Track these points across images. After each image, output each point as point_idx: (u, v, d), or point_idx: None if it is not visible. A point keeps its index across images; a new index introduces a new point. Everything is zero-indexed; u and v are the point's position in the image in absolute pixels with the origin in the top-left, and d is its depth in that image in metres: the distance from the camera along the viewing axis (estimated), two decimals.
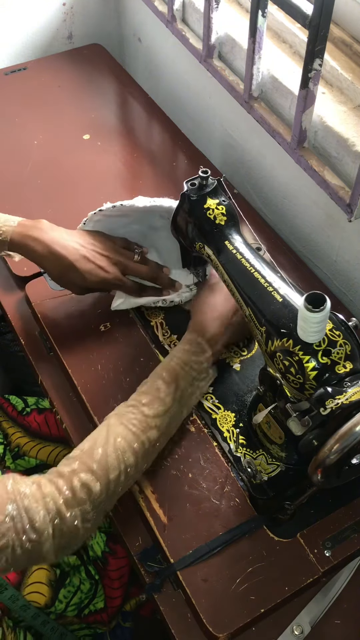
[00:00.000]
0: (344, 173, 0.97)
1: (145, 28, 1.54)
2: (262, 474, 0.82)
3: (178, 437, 0.85)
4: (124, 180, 1.24)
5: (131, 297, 0.98)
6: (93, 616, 0.93)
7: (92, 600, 0.92)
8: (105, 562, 0.93)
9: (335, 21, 1.05)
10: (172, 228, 0.88)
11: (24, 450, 1.03)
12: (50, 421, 1.06)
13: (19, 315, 1.05)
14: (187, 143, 1.31)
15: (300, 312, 0.62)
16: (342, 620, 0.77)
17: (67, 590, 0.90)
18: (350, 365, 0.67)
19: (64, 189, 1.20)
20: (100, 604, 0.93)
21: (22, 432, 1.05)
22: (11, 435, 1.04)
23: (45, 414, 1.07)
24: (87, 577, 0.92)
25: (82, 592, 0.91)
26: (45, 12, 1.54)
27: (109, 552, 0.94)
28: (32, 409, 1.07)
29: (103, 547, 0.94)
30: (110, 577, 0.94)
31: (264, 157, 1.22)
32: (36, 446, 1.04)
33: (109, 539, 0.95)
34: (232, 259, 0.79)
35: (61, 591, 0.89)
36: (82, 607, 0.92)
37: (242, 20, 1.15)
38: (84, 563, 0.93)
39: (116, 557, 0.94)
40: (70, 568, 0.92)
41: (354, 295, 1.10)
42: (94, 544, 0.94)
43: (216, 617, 0.72)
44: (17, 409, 1.06)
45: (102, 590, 0.93)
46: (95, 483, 0.71)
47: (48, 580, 0.89)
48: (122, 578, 0.94)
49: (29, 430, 1.05)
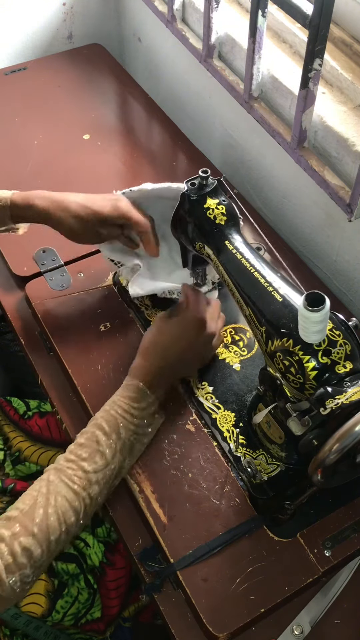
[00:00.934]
0: (344, 173, 0.97)
1: (145, 28, 1.54)
2: (262, 473, 0.82)
3: (178, 437, 0.85)
4: (124, 180, 1.24)
5: (146, 282, 0.97)
6: (89, 625, 0.92)
7: (89, 610, 0.92)
8: (103, 572, 0.92)
9: (335, 21, 1.05)
10: (172, 228, 0.88)
11: (25, 455, 1.02)
12: (52, 425, 1.06)
13: (19, 315, 1.04)
14: (187, 143, 1.31)
15: (300, 312, 0.62)
16: (342, 620, 0.77)
17: (65, 600, 0.89)
18: (350, 365, 0.67)
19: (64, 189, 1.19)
20: (97, 614, 0.92)
21: (23, 437, 1.04)
22: (12, 440, 1.03)
23: (47, 418, 1.06)
24: (86, 586, 0.91)
25: (80, 602, 0.90)
26: (45, 12, 1.54)
27: (107, 563, 0.93)
28: (34, 413, 1.06)
29: (101, 558, 0.93)
30: (107, 588, 0.93)
31: (264, 157, 1.22)
32: (37, 450, 1.03)
33: (107, 550, 0.93)
34: (232, 259, 0.79)
35: (59, 602, 0.89)
36: (79, 616, 0.91)
37: (242, 20, 1.15)
38: (83, 572, 0.92)
39: (114, 568, 0.93)
40: (69, 577, 0.91)
41: (354, 295, 1.10)
42: (92, 554, 0.93)
43: (216, 616, 0.72)
44: (18, 412, 1.06)
45: (99, 599, 0.92)
46: (37, 548, 0.69)
47: (46, 591, 0.88)
48: (119, 589, 0.93)
49: (30, 434, 1.04)
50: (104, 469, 0.76)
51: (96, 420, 0.80)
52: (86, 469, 0.75)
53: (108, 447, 0.77)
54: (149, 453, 0.84)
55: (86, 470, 0.75)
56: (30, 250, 1.07)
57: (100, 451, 0.76)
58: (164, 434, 0.85)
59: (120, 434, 0.78)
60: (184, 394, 0.90)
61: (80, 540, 0.93)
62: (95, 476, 0.75)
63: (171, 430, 0.86)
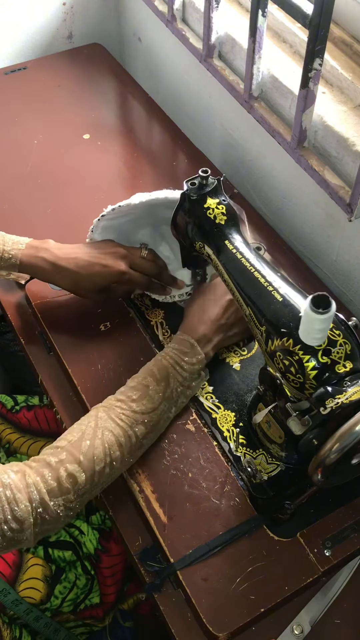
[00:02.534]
0: (344, 173, 0.97)
1: (146, 27, 1.54)
2: (262, 473, 0.82)
3: (178, 437, 0.85)
4: (124, 179, 1.24)
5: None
6: (89, 611, 0.93)
7: (87, 595, 0.93)
8: (98, 559, 0.94)
9: (335, 21, 1.05)
10: (172, 227, 0.88)
11: (15, 447, 1.04)
12: (40, 417, 1.07)
13: (19, 315, 1.05)
14: (187, 143, 1.31)
15: (305, 314, 0.62)
16: (342, 620, 0.77)
17: (63, 586, 0.90)
18: (350, 365, 0.67)
19: (64, 189, 1.20)
20: (96, 599, 0.93)
21: (12, 429, 1.06)
22: (1, 432, 1.05)
23: (34, 410, 1.08)
24: (83, 572, 0.92)
25: (78, 587, 0.92)
26: (45, 12, 1.54)
27: (102, 549, 0.94)
28: (21, 407, 1.08)
29: (96, 545, 0.94)
30: (103, 574, 0.94)
31: (264, 156, 1.22)
32: (26, 442, 1.04)
33: (101, 537, 0.95)
34: (232, 259, 0.79)
35: (57, 587, 0.90)
36: (78, 602, 0.92)
37: (242, 20, 1.15)
38: (79, 558, 0.93)
39: (109, 554, 0.94)
40: (66, 564, 0.92)
41: (354, 294, 1.10)
42: (87, 541, 0.94)
43: (216, 616, 0.72)
44: (6, 406, 1.07)
45: (97, 585, 0.94)
46: (81, 474, 0.73)
47: (43, 576, 0.89)
48: (115, 575, 0.95)
49: (19, 426, 1.06)
50: (151, 412, 0.80)
51: (148, 366, 0.84)
52: (134, 409, 0.78)
53: (157, 393, 0.81)
54: (149, 452, 0.84)
55: (134, 410, 0.78)
56: None
57: (150, 395, 0.80)
58: (164, 434, 0.85)
59: (170, 383, 0.82)
60: None
61: (75, 529, 0.95)
62: (142, 417, 0.79)
63: (171, 430, 0.86)
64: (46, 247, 0.93)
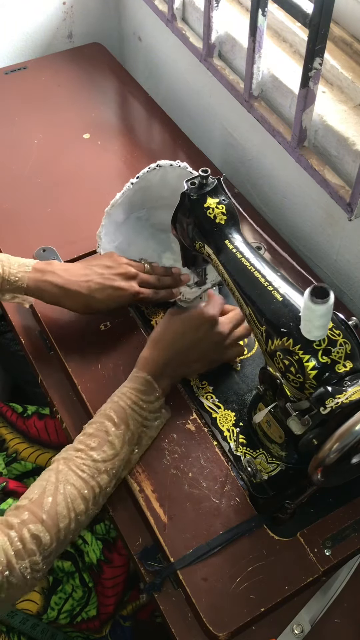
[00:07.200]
0: (344, 172, 0.97)
1: (146, 27, 1.54)
2: (262, 473, 0.82)
3: (178, 437, 0.85)
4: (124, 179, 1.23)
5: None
6: (85, 624, 0.92)
7: (84, 608, 0.91)
8: (100, 570, 0.92)
9: (335, 20, 1.05)
10: (172, 227, 0.88)
11: (22, 457, 1.02)
12: (50, 428, 1.06)
13: (19, 315, 1.05)
14: (187, 142, 1.31)
15: (305, 304, 0.62)
16: (342, 619, 0.77)
17: (59, 596, 0.89)
18: (350, 365, 0.67)
19: (64, 188, 1.20)
20: (92, 612, 0.92)
21: (20, 438, 1.04)
22: (9, 441, 1.03)
23: (45, 420, 1.06)
24: (81, 585, 0.91)
25: (74, 599, 0.90)
26: (45, 11, 1.54)
27: (105, 560, 0.93)
28: (32, 413, 1.07)
29: (99, 555, 0.93)
30: (104, 585, 0.92)
31: (264, 156, 1.22)
32: (35, 452, 1.03)
33: (105, 547, 0.93)
34: (232, 258, 0.79)
35: (53, 597, 0.89)
36: (74, 614, 0.91)
37: (242, 19, 1.15)
38: (78, 570, 0.92)
39: (112, 566, 0.93)
40: (64, 575, 0.91)
41: (354, 294, 1.10)
42: (90, 551, 0.93)
43: (216, 616, 0.72)
44: (17, 411, 1.06)
45: (95, 598, 0.92)
46: (45, 534, 0.69)
47: (40, 588, 0.88)
48: (116, 587, 0.93)
49: (27, 435, 1.05)
50: (113, 459, 0.77)
51: (105, 410, 0.80)
52: (95, 458, 0.75)
53: (117, 438, 0.78)
54: (149, 452, 0.84)
55: (95, 459, 0.75)
56: (30, 250, 1.07)
57: (110, 441, 0.77)
58: (164, 434, 0.85)
59: (129, 425, 0.79)
60: (184, 393, 0.90)
61: (78, 538, 0.93)
62: (104, 465, 0.76)
63: (171, 430, 0.86)
64: (52, 269, 0.90)
